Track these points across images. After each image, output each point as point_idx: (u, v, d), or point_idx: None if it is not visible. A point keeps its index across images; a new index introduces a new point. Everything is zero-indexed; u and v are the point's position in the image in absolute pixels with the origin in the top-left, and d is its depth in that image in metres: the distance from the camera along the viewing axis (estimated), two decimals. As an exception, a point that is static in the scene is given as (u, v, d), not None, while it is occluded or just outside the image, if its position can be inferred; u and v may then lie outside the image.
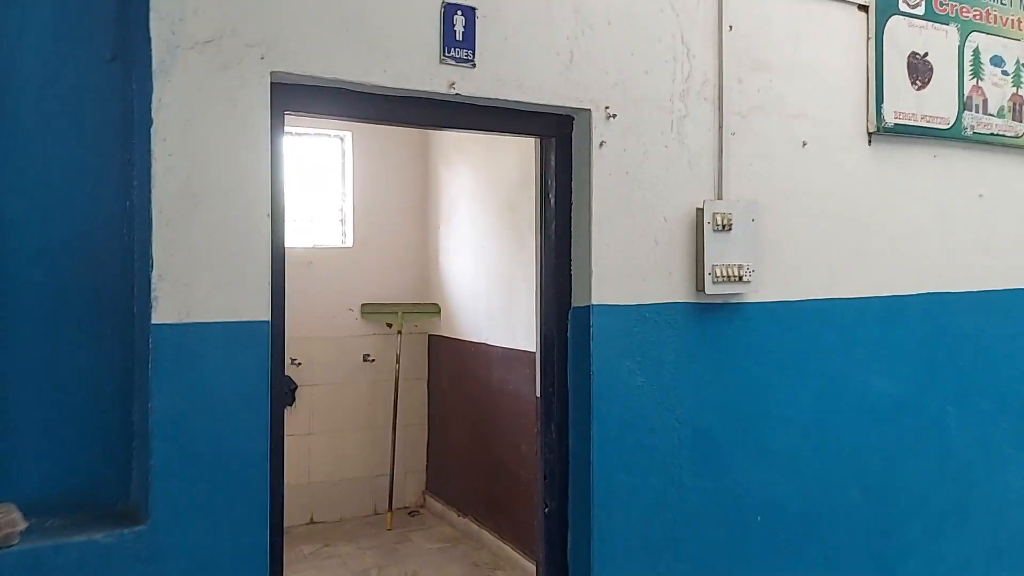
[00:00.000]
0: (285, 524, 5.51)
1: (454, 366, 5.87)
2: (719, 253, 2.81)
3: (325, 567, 5.01)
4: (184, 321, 1.95)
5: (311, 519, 5.93)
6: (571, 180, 2.68)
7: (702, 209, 2.80)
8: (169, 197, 1.96)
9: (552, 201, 2.68)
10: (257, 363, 2.05)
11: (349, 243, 6.11)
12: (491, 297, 5.32)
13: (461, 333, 5.76)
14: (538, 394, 2.80)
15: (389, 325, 6.15)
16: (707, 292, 2.81)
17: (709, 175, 2.84)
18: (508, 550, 4.97)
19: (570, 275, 2.70)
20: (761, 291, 2.94)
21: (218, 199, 2.02)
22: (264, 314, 2.07)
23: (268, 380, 2.09)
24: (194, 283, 1.98)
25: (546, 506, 2.68)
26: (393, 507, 5.94)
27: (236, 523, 2.02)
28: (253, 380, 2.04)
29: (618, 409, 2.65)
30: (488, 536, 5.26)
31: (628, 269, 2.68)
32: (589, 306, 2.62)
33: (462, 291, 5.78)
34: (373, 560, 5.13)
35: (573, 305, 2.70)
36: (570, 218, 2.69)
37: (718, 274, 2.80)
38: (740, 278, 2.84)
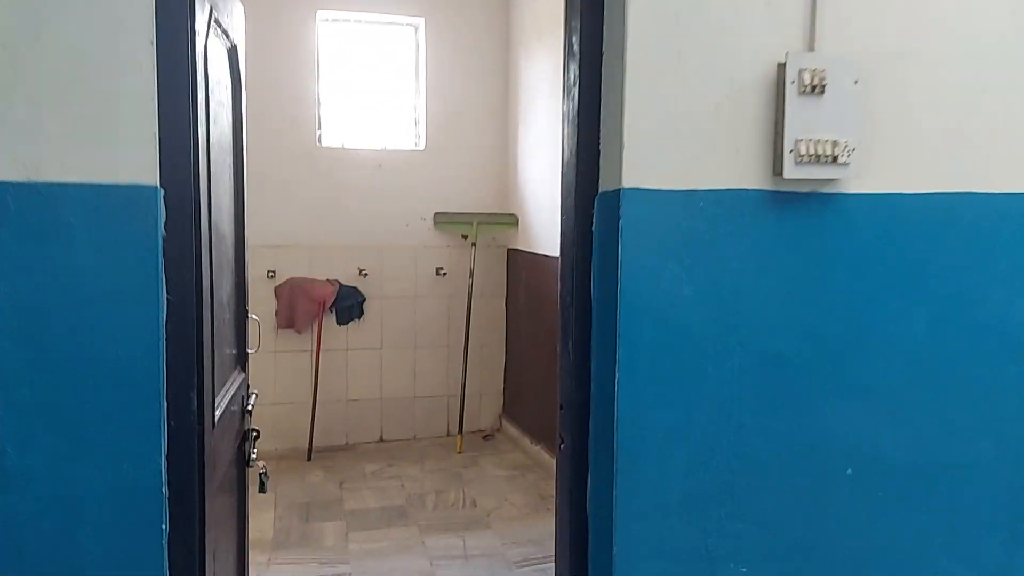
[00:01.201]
0: (352, 441, 5.28)
1: (532, 283, 5.34)
2: (806, 125, 2.11)
3: (380, 488, 4.69)
4: (31, 180, 1.50)
5: (380, 436, 5.64)
6: (602, 21, 2.03)
7: (784, 65, 2.10)
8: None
9: (576, 51, 2.05)
10: (140, 243, 1.58)
11: (422, 146, 5.62)
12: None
13: (539, 247, 5.20)
14: (559, 305, 2.23)
15: (464, 236, 5.67)
16: (787, 177, 2.12)
17: (796, 19, 2.12)
18: (576, 484, 4.48)
19: (597, 151, 2.08)
20: (864, 178, 2.22)
21: (78, 8, 1.52)
22: (150, 176, 1.59)
23: (158, 268, 1.62)
24: (44, 130, 1.51)
25: (561, 441, 2.14)
26: (464, 430, 5.55)
27: (114, 451, 1.59)
28: (134, 266, 1.58)
29: (655, 326, 2.05)
30: (558, 467, 4.78)
31: (676, 144, 2.04)
32: (619, 191, 2.00)
33: (540, 200, 5.19)
34: (434, 484, 4.77)
35: (600, 191, 2.09)
36: (600, 74, 2.05)
37: (803, 152, 2.10)
38: (834, 159, 2.13)
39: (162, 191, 1.66)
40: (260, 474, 2.66)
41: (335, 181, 5.42)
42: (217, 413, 2.03)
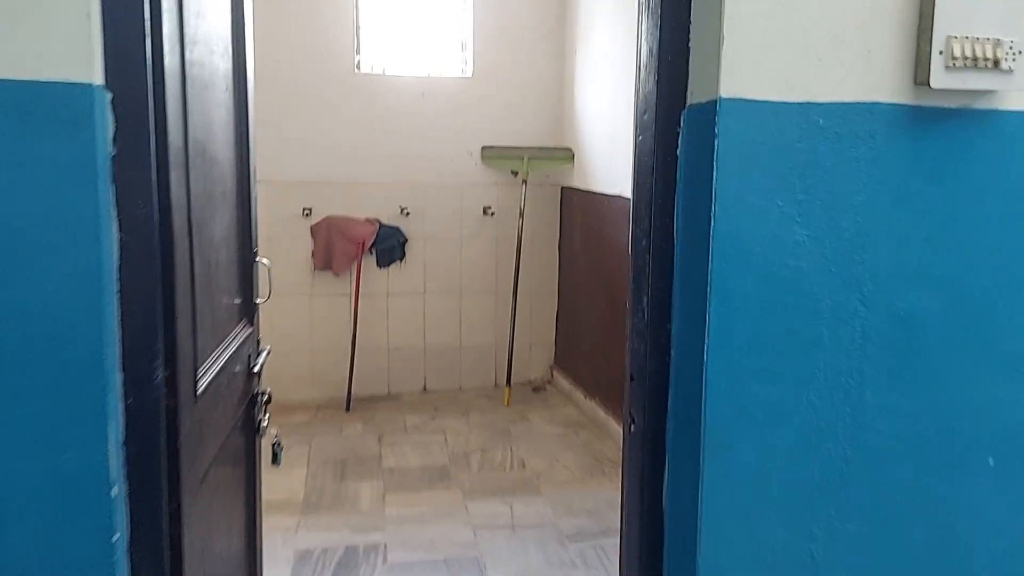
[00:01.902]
0: (394, 391, 4.93)
1: (588, 224, 4.87)
2: (963, 18, 1.60)
3: (421, 443, 4.34)
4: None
5: (423, 387, 5.29)
6: None
7: (937, -66, 1.58)
8: None
9: (661, -83, 1.57)
10: (75, 162, 1.18)
11: (469, 72, 5.13)
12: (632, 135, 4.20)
13: (597, 184, 4.71)
14: (629, 251, 1.79)
15: (514, 173, 5.20)
16: (934, 87, 1.62)
17: None
18: (635, 446, 4.07)
19: (686, 49, 1.60)
20: (1032, 91, 1.70)
21: None
22: (85, 71, 1.17)
23: (100, 195, 1.21)
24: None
25: (631, 421, 1.71)
26: (513, 382, 5.17)
27: (47, 440, 1.21)
28: (67, 193, 1.18)
29: (757, 279, 1.60)
30: (615, 426, 4.38)
31: (790, 40, 1.55)
32: (715, 102, 1.53)
33: (599, 133, 4.69)
34: (479, 441, 4.41)
35: (689, 103, 1.62)
36: (691, -51, 1.57)
37: (957, 55, 1.59)
38: (996, 63, 1.62)
39: (108, 94, 1.24)
40: (273, 445, 2.28)
41: (374, 112, 4.97)
42: (205, 380, 1.64)
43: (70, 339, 1.20)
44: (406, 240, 5.11)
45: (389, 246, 5.06)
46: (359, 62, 4.98)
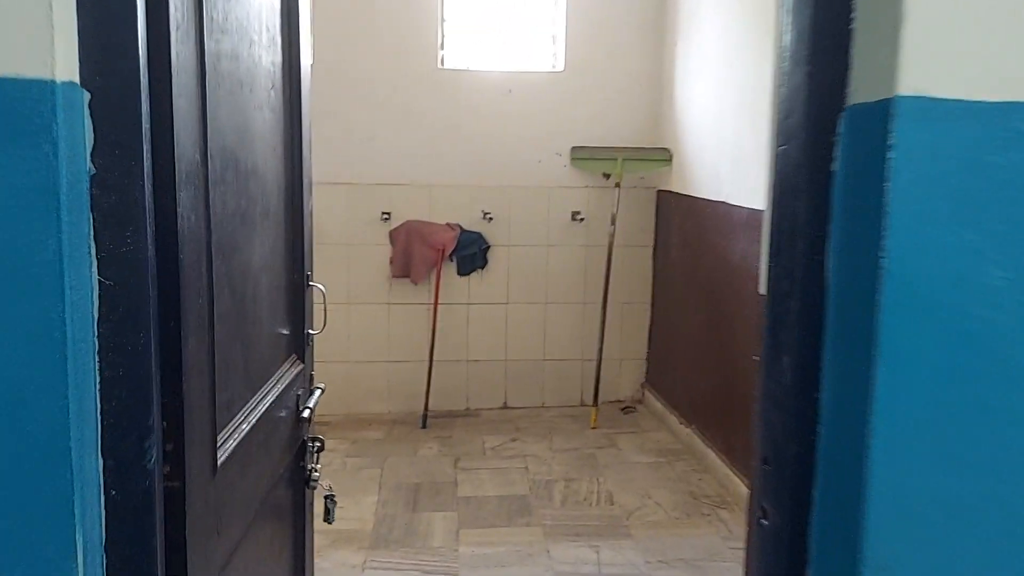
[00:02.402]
0: (473, 406, 4.62)
1: (688, 231, 4.45)
2: None
3: (500, 470, 4.02)
4: None
5: (504, 403, 4.97)
6: None
7: None
8: None
9: None
10: (30, 180, 0.88)
11: (560, 67, 4.77)
12: (740, 137, 3.77)
13: (697, 188, 4.29)
14: (762, 290, 1.40)
15: (606, 176, 4.82)
16: None
17: None
18: (740, 485, 3.65)
19: (847, 32, 1.21)
20: None
21: None
22: (45, 64, 0.86)
23: (75, 220, 0.91)
24: None
25: (761, 515, 1.34)
26: (600, 400, 4.79)
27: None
28: (20, 219, 0.88)
29: (940, 336, 1.19)
30: (715, 458, 3.96)
31: (993, 19, 1.14)
32: (890, 100, 1.13)
33: (702, 132, 4.26)
34: (562, 468, 4.05)
35: (851, 103, 1.22)
36: None
37: None
38: None
39: (85, 94, 0.94)
40: (325, 499, 1.98)
41: (458, 110, 4.67)
42: (231, 444, 1.34)
43: (22, 420, 0.91)
44: (488, 247, 4.80)
45: (470, 253, 4.75)
46: (443, 57, 4.69)
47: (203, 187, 1.20)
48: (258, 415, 1.52)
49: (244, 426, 1.44)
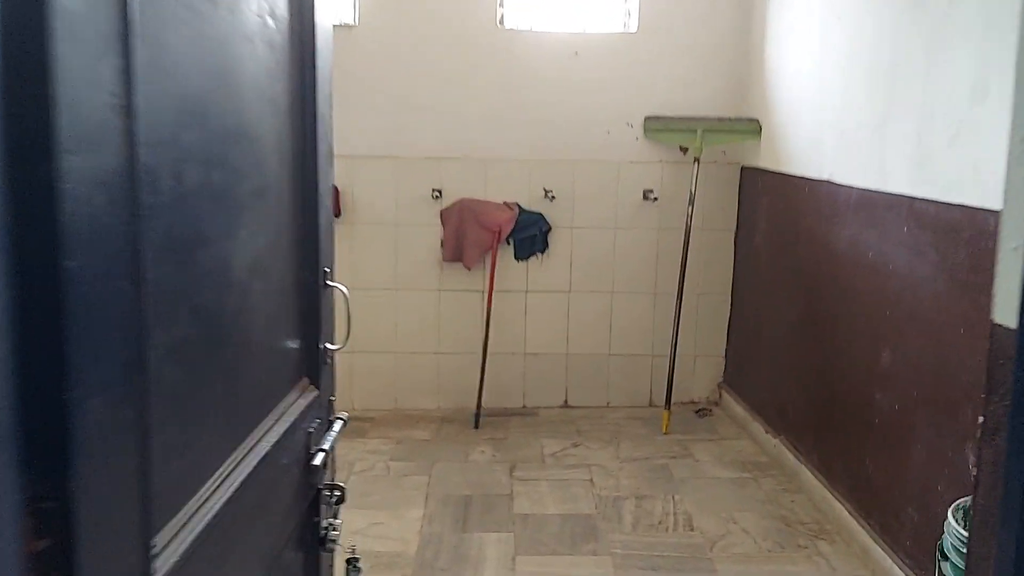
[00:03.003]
0: (530, 404, 4.16)
1: (778, 214, 3.90)
2: None
3: (562, 482, 3.56)
4: None
5: (564, 401, 4.50)
6: None
7: None
8: None
9: None
10: None
11: (632, 27, 4.24)
12: (849, 107, 3.21)
13: (792, 165, 3.74)
14: (997, 317, 0.90)
15: (683, 150, 4.29)
16: None
17: None
18: (842, 512, 3.13)
19: None
20: None
21: None
22: None
23: None
24: None
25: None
26: (673, 402, 4.29)
27: None
28: None
29: None
30: (809, 477, 3.44)
31: None
32: None
33: (798, 100, 3.70)
34: (631, 483, 3.58)
35: None
36: None
37: None
38: None
39: None
40: (347, 563, 1.53)
41: (518, 75, 4.18)
42: (185, 538, 0.89)
43: None
44: (550, 228, 4.31)
45: (529, 236, 4.28)
46: (502, 16, 4.19)
47: (123, 150, 0.74)
48: (246, 472, 1.08)
49: (219, 497, 0.99)
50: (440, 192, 4.23)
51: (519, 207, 4.26)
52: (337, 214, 4.18)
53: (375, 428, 4.15)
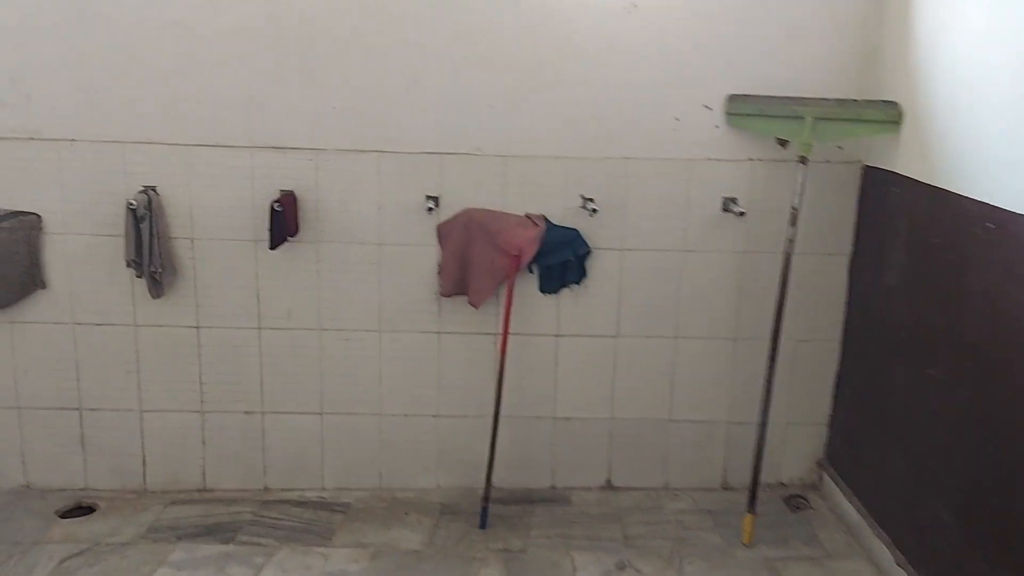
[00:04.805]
0: (560, 484, 3.04)
1: (931, 247, 2.64)
2: None
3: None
4: None
5: (607, 480, 3.35)
6: None
7: None
8: None
9: None
10: None
11: (714, -34, 2.96)
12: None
13: (958, 179, 2.46)
14: None
15: (783, 143, 3.03)
16: None
17: None
18: None
19: None
20: None
21: None
22: None
23: None
24: None
25: None
26: (760, 486, 3.08)
27: None
28: None
29: None
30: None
31: None
32: None
33: (969, 79, 2.41)
34: (702, 643, 2.42)
35: None
36: None
37: None
38: None
39: None
40: None
41: (551, 37, 2.95)
42: None
43: None
44: (589, 251, 3.11)
45: (560, 260, 3.08)
46: (526, -49, 2.95)
47: None
48: None
49: None
50: (437, 200, 3.05)
51: (547, 222, 3.06)
52: (294, 231, 3.03)
53: (347, 525, 3.05)
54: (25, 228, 3.01)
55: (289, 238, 3.02)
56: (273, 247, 2.96)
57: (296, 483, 3.30)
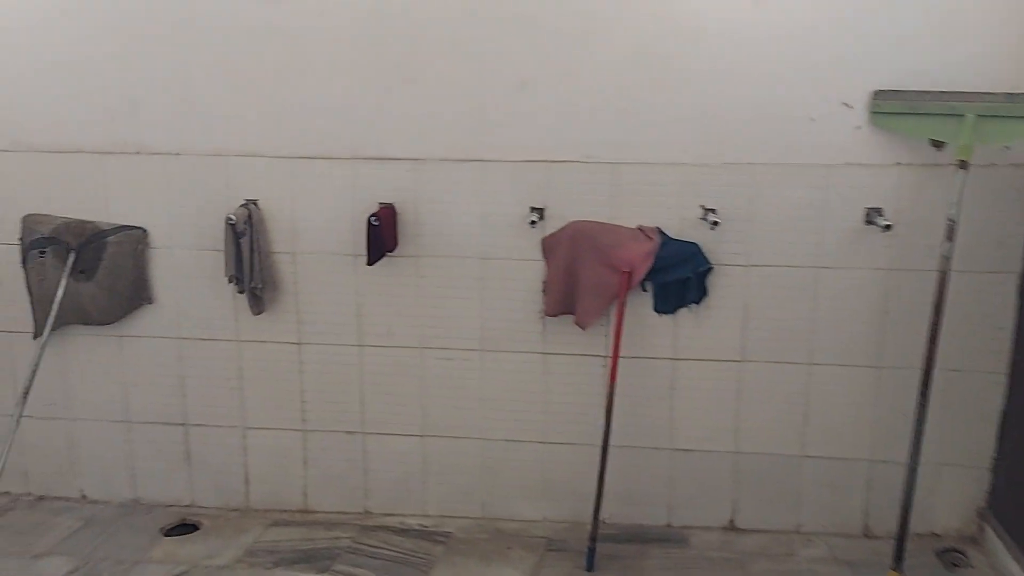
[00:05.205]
0: (677, 522, 2.79)
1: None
2: None
3: None
4: None
5: (731, 521, 3.03)
6: None
7: None
8: None
9: None
10: None
11: (856, -55, 2.62)
12: None
13: None
14: None
15: (937, 145, 2.66)
16: None
17: None
18: None
19: None
20: None
21: None
22: None
23: None
24: None
25: None
26: (908, 536, 2.68)
27: None
28: None
29: None
30: None
31: None
32: None
33: None
34: None
35: None
36: None
37: None
38: None
39: None
40: None
41: (667, 27, 2.70)
42: None
43: None
44: (711, 268, 2.82)
45: (677, 278, 2.80)
46: (642, -60, 2.70)
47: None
48: None
49: None
50: (542, 212, 2.84)
51: (662, 235, 2.80)
52: (392, 246, 2.89)
53: (447, 559, 2.87)
54: (132, 242, 3.01)
55: (388, 253, 2.88)
56: (371, 263, 2.83)
57: (398, 508, 3.16)
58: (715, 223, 2.72)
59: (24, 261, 3.01)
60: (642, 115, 2.74)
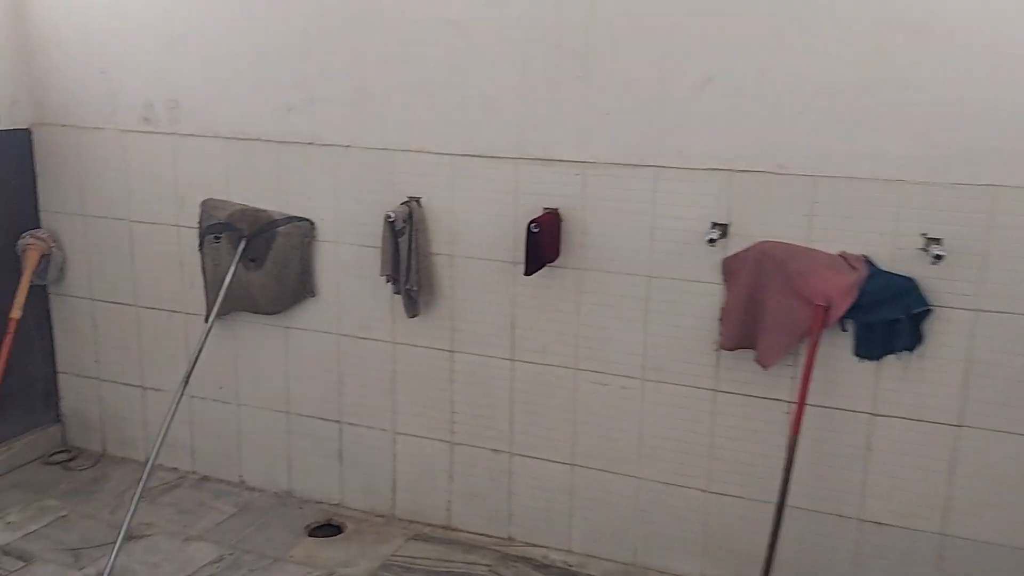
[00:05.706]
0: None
1: None
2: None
3: None
4: None
5: (932, 615, 2.49)
6: None
7: None
8: None
9: None
10: None
11: None
12: None
13: None
14: None
15: None
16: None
17: None
18: None
19: None
20: None
21: None
22: None
23: None
24: None
25: None
26: None
27: None
28: None
29: None
30: None
31: None
32: None
33: None
34: None
35: None
36: None
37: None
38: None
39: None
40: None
41: (896, 18, 2.23)
42: None
43: None
44: (928, 309, 2.31)
45: (886, 318, 2.32)
46: (868, -89, 2.25)
47: None
48: None
49: None
50: (724, 228, 2.47)
51: (869, 265, 2.33)
52: (554, 256, 2.64)
53: (585, 601, 2.60)
54: (300, 234, 2.98)
55: (548, 263, 2.64)
56: (529, 273, 2.59)
57: (541, 538, 2.91)
58: (938, 256, 2.21)
59: (201, 245, 3.08)
60: (850, 120, 2.29)
